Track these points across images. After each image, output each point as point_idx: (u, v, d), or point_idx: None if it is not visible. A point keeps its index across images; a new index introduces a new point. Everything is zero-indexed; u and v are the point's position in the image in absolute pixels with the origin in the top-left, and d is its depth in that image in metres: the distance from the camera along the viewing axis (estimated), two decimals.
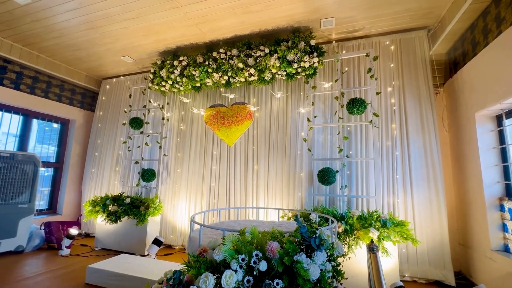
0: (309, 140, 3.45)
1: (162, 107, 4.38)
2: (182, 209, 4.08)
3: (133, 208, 3.75)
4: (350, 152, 3.37)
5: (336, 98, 3.38)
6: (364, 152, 3.31)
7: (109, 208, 3.77)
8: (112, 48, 4.04)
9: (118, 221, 3.72)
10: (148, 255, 3.54)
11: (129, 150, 4.48)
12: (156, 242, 3.53)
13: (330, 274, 1.26)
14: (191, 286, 1.11)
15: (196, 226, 2.51)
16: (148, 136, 4.47)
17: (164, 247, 4.03)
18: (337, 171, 3.19)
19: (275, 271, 1.16)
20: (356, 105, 3.02)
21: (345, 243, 2.71)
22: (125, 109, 4.77)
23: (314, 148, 3.49)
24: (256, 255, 1.19)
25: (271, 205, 3.58)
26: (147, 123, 4.45)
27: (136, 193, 4.27)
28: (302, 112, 3.62)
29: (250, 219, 3.38)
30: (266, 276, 1.16)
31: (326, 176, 3.08)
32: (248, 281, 1.13)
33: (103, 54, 4.24)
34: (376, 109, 3.20)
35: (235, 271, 1.15)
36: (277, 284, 1.10)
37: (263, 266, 1.14)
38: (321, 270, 1.22)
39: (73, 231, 3.74)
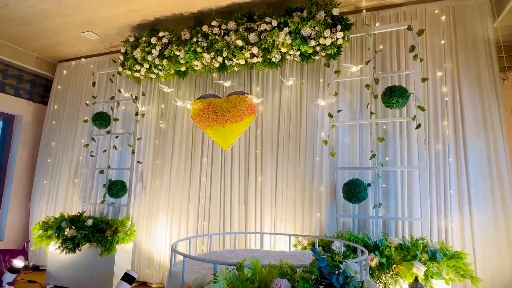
0: (331, 143, 3.43)
1: (136, 98, 4.40)
2: (162, 235, 4.08)
3: (96, 232, 3.76)
4: (387, 159, 3.35)
5: (367, 86, 3.36)
6: (405, 159, 3.29)
7: (66, 233, 3.78)
8: (72, 21, 4.07)
9: (77, 250, 3.73)
10: None
11: (92, 156, 4.52)
12: (127, 278, 3.51)
13: None
14: None
15: (179, 257, 2.50)
16: (117, 137, 4.50)
17: (137, 285, 4.03)
18: (368, 184, 3.18)
19: None
20: (394, 96, 3.02)
21: (380, 282, 2.68)
22: (87, 102, 4.80)
23: (338, 153, 3.47)
24: None
25: (279, 230, 3.57)
26: (115, 119, 4.48)
27: (101, 213, 4.30)
28: (322, 105, 3.61)
29: (251, 249, 3.37)
30: None
31: (353, 191, 3.06)
32: None
33: (60, 29, 4.27)
34: (421, 101, 3.15)
35: None
36: None
37: None
38: None
39: (18, 262, 3.75)
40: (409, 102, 3.19)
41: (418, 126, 3.07)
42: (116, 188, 4.07)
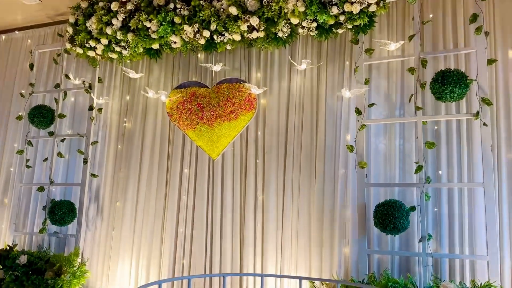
0: (360, 149, 3.40)
1: (90, 87, 4.36)
2: (125, 277, 4.04)
3: (32, 274, 3.71)
4: (439, 172, 3.31)
5: (411, 70, 3.32)
6: (465, 173, 3.25)
7: None
8: None
9: None
10: None
11: (28, 167, 4.47)
12: None
13: None
14: None
15: None
16: (63, 141, 4.45)
17: None
18: (412, 208, 3.14)
19: None
20: (448, 84, 2.97)
21: None
22: (23, 91, 4.73)
23: (370, 164, 3.44)
24: None
25: (288, 271, 3.52)
26: (61, 116, 4.42)
27: (40, 246, 4.23)
28: (347, 97, 3.59)
29: None
30: None
31: (389, 216, 3.02)
32: None
33: None
34: (487, 92, 3.10)
35: None
36: None
37: None
38: None
39: None
40: (469, 92, 3.15)
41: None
42: (61, 212, 3.99)
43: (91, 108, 4.31)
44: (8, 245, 4.03)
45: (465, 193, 3.19)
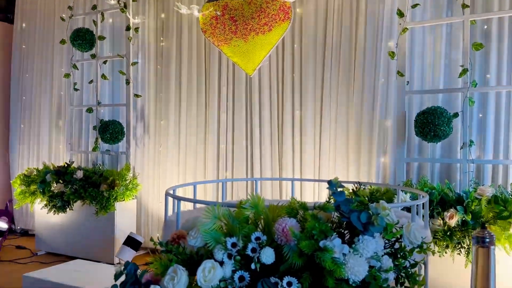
0: (402, 56, 3.38)
1: (125, 6, 4.52)
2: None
3: (89, 187, 4.17)
4: (487, 76, 3.29)
5: None
6: None
7: (52, 188, 4.28)
8: None
9: (68, 209, 4.23)
10: (119, 263, 4.00)
11: (76, 90, 4.86)
12: (131, 242, 3.96)
13: (390, 276, 1.37)
14: (152, 286, 1.32)
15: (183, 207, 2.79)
16: (105, 63, 4.75)
17: (146, 253, 4.46)
18: (455, 114, 3.16)
19: (290, 265, 1.30)
20: None
21: (461, 247, 2.77)
22: (63, 15, 5.01)
23: (413, 71, 3.47)
24: (257, 238, 1.34)
25: (326, 178, 3.67)
26: (101, 38, 4.68)
27: (94, 163, 4.71)
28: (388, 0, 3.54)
29: (278, 199, 3.52)
30: (275, 273, 1.31)
31: (430, 124, 3.05)
32: (242, 278, 1.29)
33: None
34: None
35: (222, 263, 1.32)
36: (289, 284, 1.24)
37: (267, 255, 1.30)
38: (372, 267, 1.33)
39: (1, 224, 4.34)
40: None
41: None
42: (111, 131, 4.40)
43: (128, 28, 4.51)
44: (65, 163, 4.53)
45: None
